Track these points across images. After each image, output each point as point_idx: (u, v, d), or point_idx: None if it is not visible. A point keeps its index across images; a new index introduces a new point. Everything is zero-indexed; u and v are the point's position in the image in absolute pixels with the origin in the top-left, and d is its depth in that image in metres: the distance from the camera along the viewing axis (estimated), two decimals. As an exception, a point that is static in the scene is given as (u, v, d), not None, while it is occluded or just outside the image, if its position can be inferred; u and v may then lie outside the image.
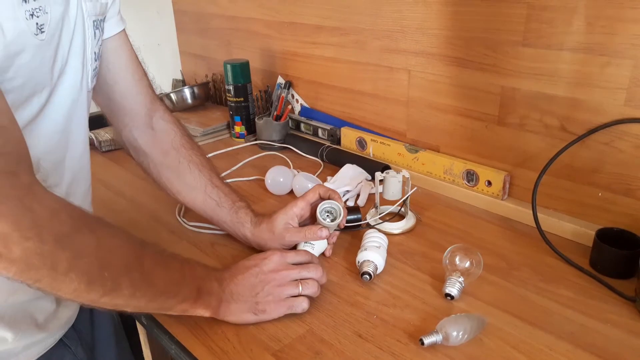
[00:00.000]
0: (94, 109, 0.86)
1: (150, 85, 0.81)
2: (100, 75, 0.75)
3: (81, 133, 0.66)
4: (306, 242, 0.79)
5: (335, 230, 0.82)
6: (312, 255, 0.73)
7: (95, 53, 0.65)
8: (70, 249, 0.47)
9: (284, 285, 0.68)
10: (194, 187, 0.82)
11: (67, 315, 0.70)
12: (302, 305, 0.68)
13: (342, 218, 0.79)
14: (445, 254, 0.75)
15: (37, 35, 0.52)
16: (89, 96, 0.67)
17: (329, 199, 0.80)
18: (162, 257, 0.60)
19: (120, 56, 0.76)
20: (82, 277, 0.48)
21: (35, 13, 0.51)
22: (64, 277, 0.47)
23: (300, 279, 0.69)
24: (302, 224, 0.81)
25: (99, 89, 0.77)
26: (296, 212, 0.79)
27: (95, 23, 0.63)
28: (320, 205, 0.79)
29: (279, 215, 0.79)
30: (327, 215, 0.80)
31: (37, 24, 0.51)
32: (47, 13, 0.52)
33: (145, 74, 0.80)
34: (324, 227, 0.78)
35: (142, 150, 0.82)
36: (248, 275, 0.68)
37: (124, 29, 0.75)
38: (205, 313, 0.65)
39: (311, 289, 0.69)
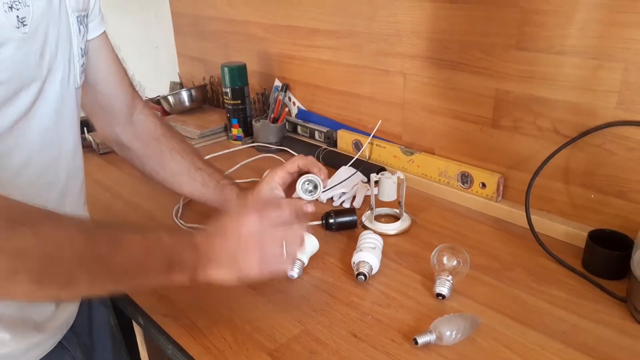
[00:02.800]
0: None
1: (130, 84, 0.83)
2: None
3: (72, 131, 0.66)
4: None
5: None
6: (291, 205, 0.68)
7: (81, 49, 0.65)
8: (6, 252, 0.45)
9: (266, 247, 0.63)
10: (178, 173, 0.86)
11: (65, 316, 0.71)
12: (287, 268, 0.67)
13: (320, 191, 0.80)
14: (432, 254, 0.75)
15: (18, 28, 0.52)
16: (78, 93, 0.66)
17: (308, 171, 0.81)
18: (120, 236, 0.55)
19: (102, 57, 0.77)
20: (29, 277, 0.46)
21: (14, 5, 0.51)
22: (8, 281, 0.45)
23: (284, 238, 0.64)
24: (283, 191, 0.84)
25: (82, 89, 0.78)
26: (278, 181, 0.82)
27: (79, 19, 0.64)
28: (299, 181, 0.80)
29: (263, 187, 0.82)
30: (308, 191, 0.81)
31: (17, 16, 0.51)
32: (28, 6, 0.52)
33: (125, 72, 0.82)
34: (308, 202, 0.78)
35: (124, 145, 0.85)
36: (226, 240, 0.62)
37: (104, 30, 0.76)
38: (183, 281, 0.60)
39: (295, 247, 0.66)
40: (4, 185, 0.57)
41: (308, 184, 0.80)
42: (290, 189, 0.85)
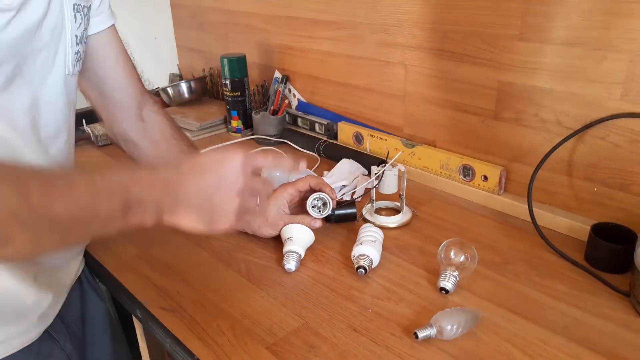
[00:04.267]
0: (88, 104, 0.87)
1: (139, 79, 0.82)
2: (91, 69, 0.76)
3: (55, 115, 0.64)
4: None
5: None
6: (278, 155, 0.64)
7: (76, 37, 0.65)
8: None
9: (246, 196, 0.58)
10: None
11: (47, 304, 0.68)
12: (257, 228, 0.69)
13: (329, 210, 0.81)
14: (440, 248, 0.75)
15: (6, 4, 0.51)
16: (69, 80, 0.65)
17: (319, 190, 0.81)
18: (60, 185, 0.51)
19: (111, 50, 0.76)
20: None
21: None
22: None
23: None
24: (290, 208, 0.84)
25: (90, 82, 0.77)
26: (286, 197, 0.81)
27: (76, 7, 0.63)
28: (310, 197, 0.81)
29: (270, 202, 0.81)
30: (317, 209, 0.82)
31: None
32: None
33: (134, 67, 0.81)
34: (316, 218, 0.81)
35: (132, 142, 0.83)
36: (203, 179, 0.56)
37: (113, 24, 0.76)
38: (144, 224, 0.55)
39: (264, 203, 0.62)
40: None
41: (318, 200, 0.82)
42: (297, 207, 0.84)
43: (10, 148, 0.59)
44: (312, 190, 0.82)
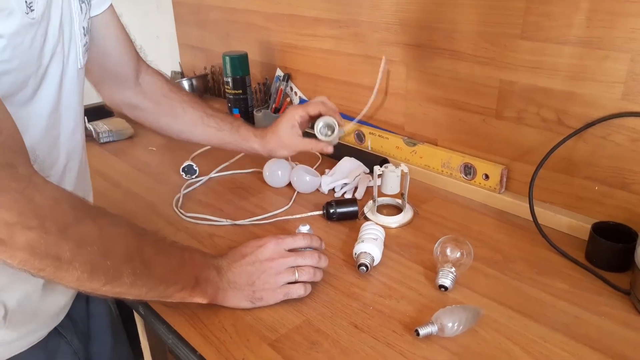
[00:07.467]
0: (91, 100, 0.87)
1: (135, 48, 0.86)
2: (93, 48, 0.76)
3: (74, 111, 0.66)
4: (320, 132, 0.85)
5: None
6: (310, 238, 0.73)
7: (84, 28, 0.65)
8: (73, 239, 0.48)
9: (280, 273, 0.68)
10: (191, 123, 0.89)
11: (62, 304, 0.71)
12: (298, 291, 0.69)
13: (337, 134, 0.84)
14: (435, 245, 0.75)
15: (27, 14, 0.52)
16: (80, 73, 0.66)
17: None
18: (162, 245, 0.61)
19: (111, 29, 0.78)
20: (85, 265, 0.49)
21: None
22: (68, 266, 0.48)
23: (297, 266, 0.70)
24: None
25: (91, 60, 0.77)
26: (297, 119, 0.87)
27: None
28: (318, 121, 0.84)
29: (282, 124, 0.88)
30: (326, 131, 0.85)
31: (26, 2, 0.51)
32: None
33: (131, 40, 0.84)
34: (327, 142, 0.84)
35: (136, 106, 0.88)
36: (244, 263, 0.68)
37: (111, 4, 0.77)
38: (203, 300, 0.66)
39: (307, 275, 0.70)
40: None
41: (327, 128, 0.85)
42: (306, 128, 0.89)
43: (32, 150, 0.60)
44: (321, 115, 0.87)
